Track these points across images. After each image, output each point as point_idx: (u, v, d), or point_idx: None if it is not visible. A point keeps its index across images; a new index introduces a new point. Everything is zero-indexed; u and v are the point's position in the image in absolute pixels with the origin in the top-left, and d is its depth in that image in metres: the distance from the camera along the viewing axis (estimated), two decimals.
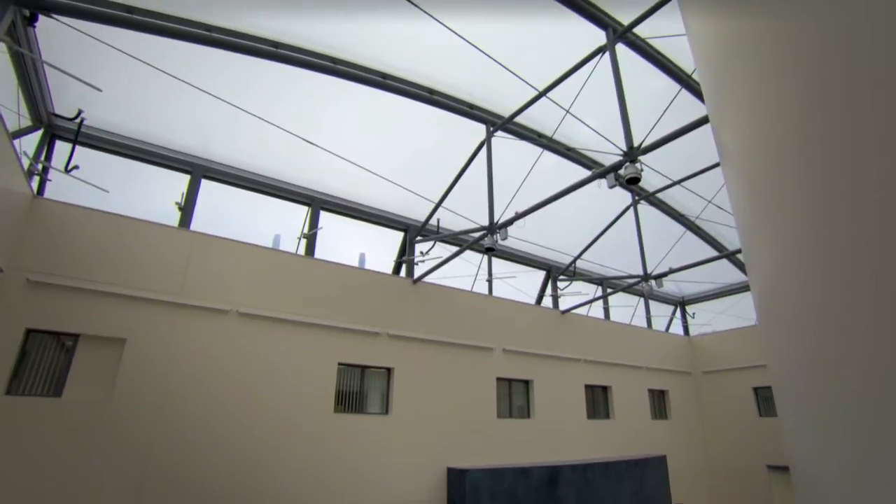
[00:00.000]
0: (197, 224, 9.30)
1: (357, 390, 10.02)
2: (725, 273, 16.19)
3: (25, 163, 7.58)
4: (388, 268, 11.85)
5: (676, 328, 18.73)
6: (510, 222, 8.67)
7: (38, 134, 8.17)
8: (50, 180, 8.17)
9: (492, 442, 11.28)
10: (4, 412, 6.71)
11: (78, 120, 7.75)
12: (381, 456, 9.64)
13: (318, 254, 10.54)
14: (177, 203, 9.33)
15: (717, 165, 10.43)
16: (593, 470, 11.74)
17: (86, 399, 7.31)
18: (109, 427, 7.30)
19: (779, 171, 1.94)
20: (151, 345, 7.89)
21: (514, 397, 12.47)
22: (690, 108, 8.30)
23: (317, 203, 10.85)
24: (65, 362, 7.42)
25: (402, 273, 11.78)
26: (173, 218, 9.16)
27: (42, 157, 8.18)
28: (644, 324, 17.27)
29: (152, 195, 9.83)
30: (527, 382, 12.76)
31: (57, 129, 8.31)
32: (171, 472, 7.58)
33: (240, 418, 8.32)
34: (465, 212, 10.90)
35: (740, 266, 15.94)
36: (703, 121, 6.54)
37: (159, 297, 8.07)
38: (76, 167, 7.74)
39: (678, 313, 18.85)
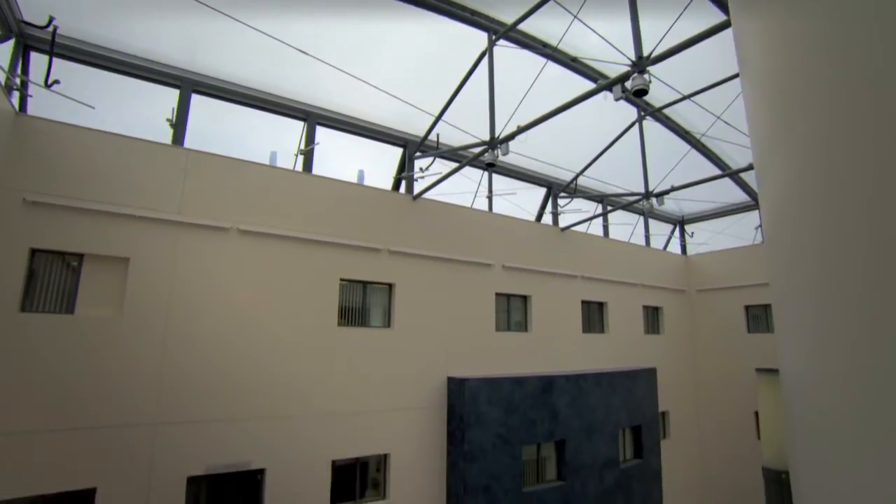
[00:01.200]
0: (190, 142, 9.04)
1: (359, 305, 10.30)
2: (727, 192, 16.06)
3: (2, 77, 7.22)
4: (387, 185, 11.71)
5: (674, 247, 18.91)
6: (511, 137, 8.43)
7: (9, 45, 7.68)
8: (31, 96, 7.81)
9: (490, 354, 11.79)
10: (20, 328, 6.94)
11: (51, 28, 7.26)
12: (384, 366, 10.11)
13: (316, 172, 10.35)
14: (168, 119, 9.00)
15: (730, 79, 9.97)
16: (586, 380, 12.38)
17: (98, 315, 7.53)
18: (122, 341, 7.59)
19: (802, 83, 1.82)
20: (156, 264, 7.99)
21: (513, 312, 12.86)
22: (707, 14, 7.76)
23: (312, 118, 10.48)
24: (73, 281, 7.55)
25: (402, 189, 11.66)
26: (165, 135, 8.89)
27: (18, 71, 7.75)
28: (643, 242, 17.41)
29: (140, 112, 9.46)
30: (525, 298, 13.09)
31: (30, 40, 7.80)
32: (187, 381, 7.99)
33: (248, 331, 8.63)
34: (466, 126, 10.56)
35: (743, 185, 15.77)
36: (719, 28, 6.14)
37: (159, 215, 8.04)
38: (56, 82, 7.37)
39: (677, 232, 18.95)
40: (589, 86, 7.77)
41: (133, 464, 7.45)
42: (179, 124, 8.99)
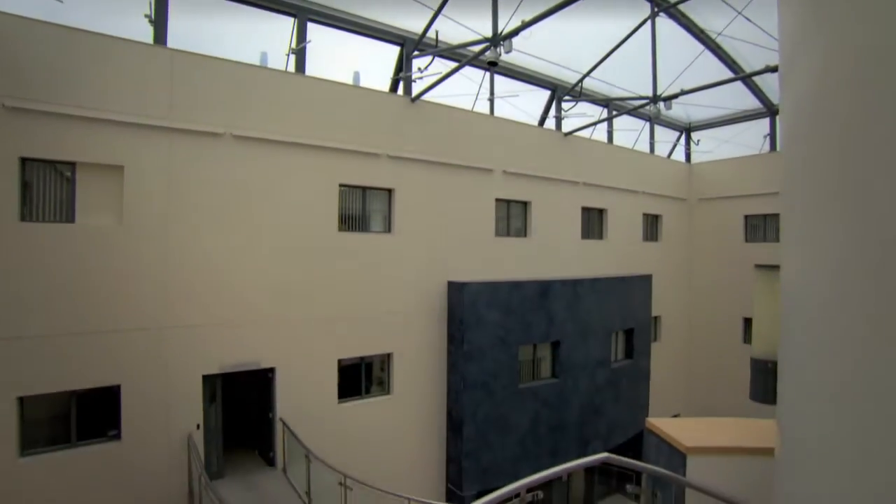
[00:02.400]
0: (173, 44, 8.46)
1: (360, 211, 10.29)
2: (738, 98, 15.39)
3: None
4: (384, 87, 11.19)
5: (678, 155, 18.52)
6: (515, 32, 7.90)
7: None
8: None
9: (490, 259, 11.98)
10: (23, 237, 6.98)
11: None
12: (386, 271, 10.33)
13: (310, 74, 9.83)
14: (147, 15, 8.36)
15: None
16: (582, 285, 12.72)
17: (98, 224, 7.54)
18: (125, 249, 7.66)
19: None
20: (151, 172, 7.85)
21: (513, 218, 12.89)
22: None
23: (303, 13, 9.74)
24: (69, 191, 7.45)
25: (400, 91, 11.16)
26: (145, 35, 8.30)
27: None
28: (647, 149, 17.03)
29: (112, 8, 8.74)
30: (525, 204, 13.05)
31: None
32: (192, 287, 8.19)
33: (249, 237, 8.69)
34: (467, 21, 9.86)
35: (756, 90, 15.08)
36: None
37: (149, 121, 7.75)
38: None
39: (682, 139, 18.45)
40: None
41: (150, 363, 7.85)
42: (160, 23, 8.37)
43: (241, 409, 11.06)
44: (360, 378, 10.31)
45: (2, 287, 6.83)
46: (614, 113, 15.04)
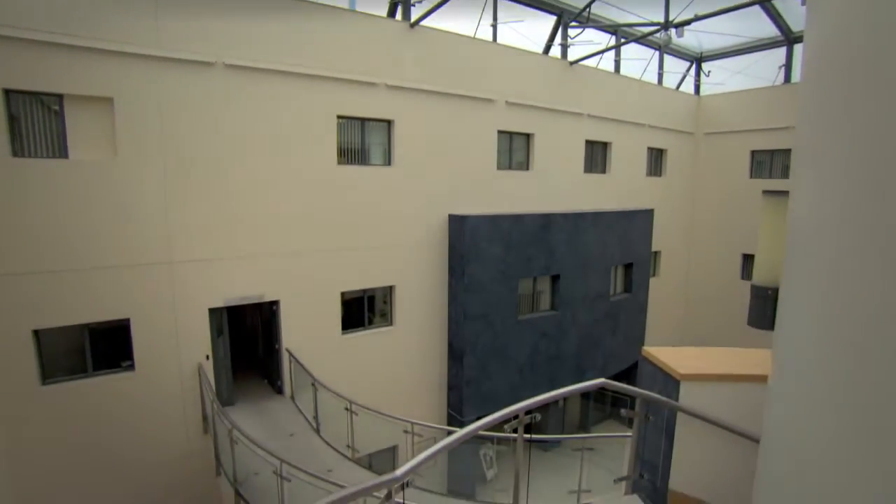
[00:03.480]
0: None
1: (359, 143, 10.07)
2: (755, 25, 14.59)
3: None
4: (382, 11, 10.60)
5: (687, 87, 17.86)
6: None
7: None
8: None
9: (490, 192, 11.88)
10: (16, 173, 6.88)
11: None
12: (386, 204, 10.28)
13: None
14: None
15: None
16: (584, 219, 12.69)
17: (92, 159, 7.39)
18: (122, 184, 7.57)
19: None
20: (141, 104, 7.59)
21: (515, 151, 12.64)
22: None
23: None
24: (59, 125, 7.24)
25: (398, 16, 10.59)
26: None
27: None
28: (655, 80, 16.40)
29: None
30: (528, 136, 12.76)
31: None
32: (194, 222, 8.16)
33: (247, 171, 8.57)
34: None
35: (775, 16, 14.27)
36: None
37: (135, 49, 7.39)
38: None
39: (692, 70, 17.72)
40: None
41: (157, 297, 7.99)
42: None
43: (250, 341, 11.40)
44: (362, 310, 10.53)
45: (7, 222, 6.83)
46: (622, 40, 14.35)
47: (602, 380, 3.57)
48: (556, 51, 13.48)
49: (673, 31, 11.61)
